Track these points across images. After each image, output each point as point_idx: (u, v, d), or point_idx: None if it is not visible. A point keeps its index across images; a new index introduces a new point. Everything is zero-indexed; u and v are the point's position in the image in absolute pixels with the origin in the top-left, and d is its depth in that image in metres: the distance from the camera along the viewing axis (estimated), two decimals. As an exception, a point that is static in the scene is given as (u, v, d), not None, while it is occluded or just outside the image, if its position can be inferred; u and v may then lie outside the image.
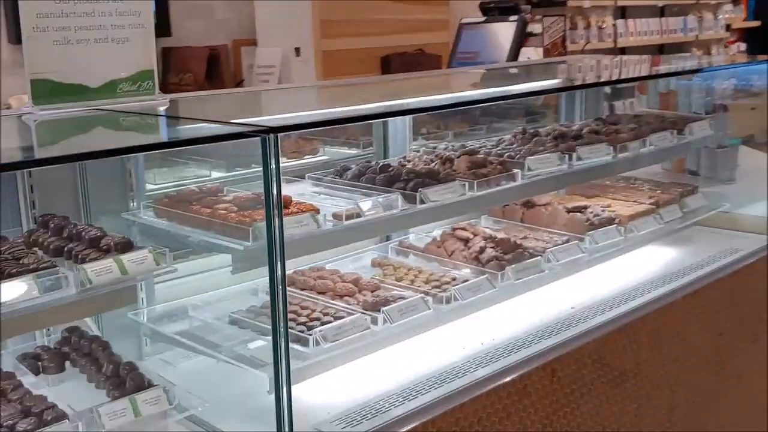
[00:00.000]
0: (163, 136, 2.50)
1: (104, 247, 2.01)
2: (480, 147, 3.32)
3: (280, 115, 2.92)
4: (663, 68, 4.59)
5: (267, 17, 8.03)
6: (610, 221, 3.41)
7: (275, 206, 1.88)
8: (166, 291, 2.77)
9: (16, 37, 6.65)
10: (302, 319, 2.48)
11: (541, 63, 5.91)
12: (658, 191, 3.85)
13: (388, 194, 2.60)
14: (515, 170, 2.96)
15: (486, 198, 2.82)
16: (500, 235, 3.11)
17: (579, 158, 3.22)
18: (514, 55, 6.96)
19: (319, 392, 2.40)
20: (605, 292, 3.23)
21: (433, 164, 2.99)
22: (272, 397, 2.22)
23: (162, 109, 2.65)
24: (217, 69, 7.73)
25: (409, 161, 3.10)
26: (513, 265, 2.94)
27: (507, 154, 3.16)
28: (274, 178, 1.88)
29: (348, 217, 2.45)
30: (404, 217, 2.57)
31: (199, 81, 7.52)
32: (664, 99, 4.31)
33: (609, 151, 3.32)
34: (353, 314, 2.49)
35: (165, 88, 7.66)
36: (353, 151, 3.82)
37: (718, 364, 3.52)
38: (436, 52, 8.49)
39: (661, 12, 12.39)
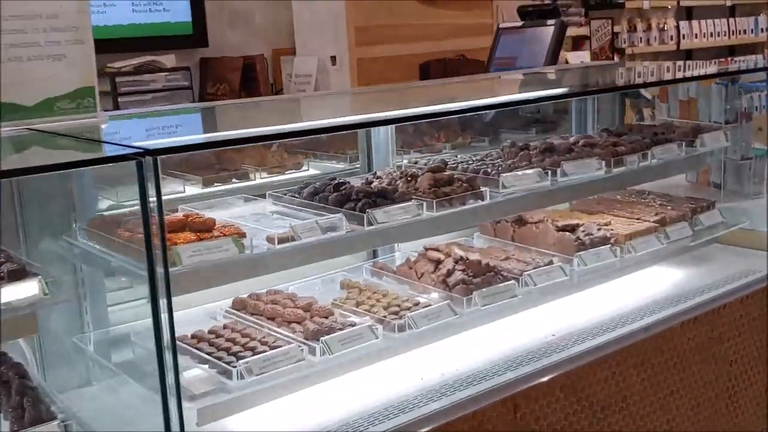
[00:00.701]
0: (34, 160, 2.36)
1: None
2: (459, 162, 3.12)
3: (237, 130, 2.79)
4: (683, 73, 4.30)
5: (305, 25, 7.97)
6: (604, 241, 3.16)
7: (156, 234, 1.75)
8: (119, 314, 2.69)
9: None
10: (236, 349, 2.35)
11: (573, 68, 5.64)
12: (669, 207, 3.57)
13: (331, 215, 2.44)
14: (484, 189, 2.76)
15: (448, 219, 2.64)
16: (473, 257, 2.91)
17: (564, 174, 2.99)
18: (551, 59, 6.68)
19: (247, 427, 2.26)
20: (593, 319, 3.00)
21: (398, 181, 2.82)
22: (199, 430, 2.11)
23: (103, 127, 2.56)
24: (253, 79, 7.70)
25: (378, 177, 2.94)
26: (481, 290, 2.74)
27: (483, 169, 2.96)
28: (154, 204, 1.75)
29: (281, 241, 2.30)
30: (348, 240, 2.41)
31: (234, 91, 7.50)
32: (684, 107, 4.01)
33: (599, 166, 3.08)
34: (290, 344, 2.34)
35: (203, 99, 7.67)
36: (341, 165, 3.68)
37: (726, 397, 3.22)
38: (478, 57, 8.26)
39: (731, 11, 11.82)
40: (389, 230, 2.48)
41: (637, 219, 3.42)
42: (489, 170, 2.94)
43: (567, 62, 9.35)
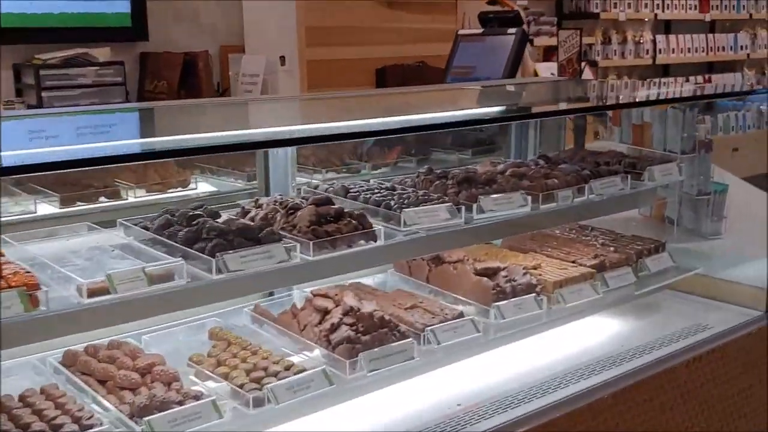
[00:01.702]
0: None
1: None
2: (362, 190, 2.63)
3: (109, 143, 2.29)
4: (647, 91, 3.85)
5: (254, 22, 7.46)
6: (529, 288, 2.69)
7: None
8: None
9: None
10: (37, 427, 1.85)
11: (527, 83, 5.17)
12: (612, 248, 3.10)
13: (169, 260, 1.94)
14: (378, 227, 2.27)
15: (327, 264, 2.15)
16: (367, 307, 2.42)
17: (481, 210, 2.51)
18: (510, 71, 6.22)
19: None
20: (507, 384, 2.52)
21: (277, 214, 2.32)
22: None
23: None
24: (194, 76, 7.17)
25: (259, 206, 2.44)
26: (370, 351, 2.25)
27: (386, 201, 2.48)
28: None
29: (93, 293, 1.80)
30: (186, 294, 1.92)
31: (172, 89, 6.98)
32: (637, 132, 3.55)
33: (524, 202, 2.61)
34: (102, 426, 1.84)
35: (141, 96, 7.14)
36: (239, 184, 3.19)
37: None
38: (440, 65, 7.78)
39: (711, 27, 11.43)
40: (246, 279, 1.98)
41: (572, 262, 2.95)
42: (392, 203, 2.46)
43: (536, 73, 8.90)
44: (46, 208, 2.76)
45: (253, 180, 3.05)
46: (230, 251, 1.98)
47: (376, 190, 2.64)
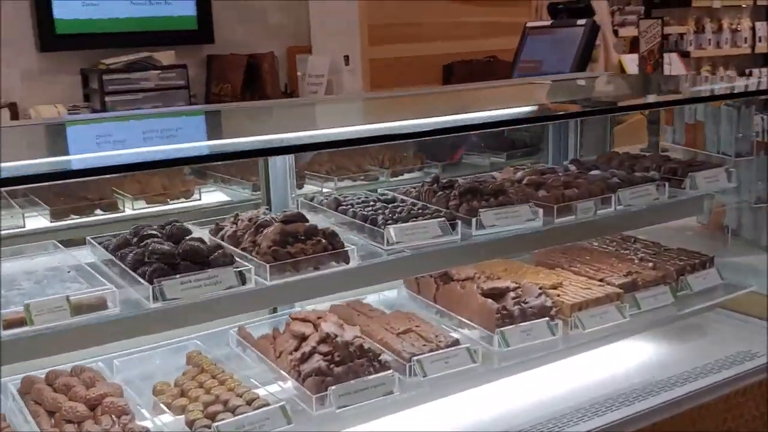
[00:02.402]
0: None
1: None
2: (353, 203, 2.41)
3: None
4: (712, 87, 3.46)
5: (320, 22, 7.33)
6: (542, 311, 2.41)
7: None
8: None
9: (43, 45, 6.32)
10: (-39, 464, 1.73)
11: (591, 78, 4.80)
12: (650, 264, 2.77)
13: (99, 288, 1.78)
14: (350, 247, 2.05)
15: (288, 289, 1.95)
16: (349, 332, 2.20)
17: (481, 226, 2.25)
18: (579, 65, 5.84)
19: None
20: (515, 419, 2.25)
21: (246, 232, 2.13)
22: None
23: None
24: (258, 78, 7.10)
25: (235, 223, 2.26)
26: (341, 384, 2.03)
27: (372, 216, 2.25)
28: None
29: (11, 324, 1.66)
30: (115, 326, 1.75)
31: (236, 91, 6.93)
32: (690, 132, 3.18)
33: (533, 216, 2.33)
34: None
35: (207, 99, 7.13)
36: (245, 193, 3.02)
37: None
38: (511, 59, 7.46)
39: (822, 13, 10.57)
40: (187, 308, 1.80)
41: (600, 281, 2.64)
42: (379, 218, 2.23)
43: (621, 66, 8.45)
44: (39, 221, 2.67)
45: (258, 190, 2.88)
46: (168, 277, 1.80)
47: (371, 203, 2.42)
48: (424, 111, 2.99)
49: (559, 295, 2.53)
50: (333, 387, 2.02)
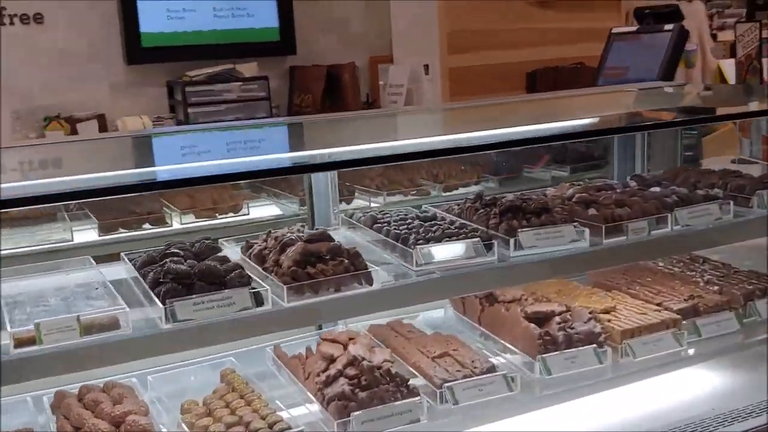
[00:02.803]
0: None
1: None
2: (388, 220, 2.34)
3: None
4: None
5: (401, 31, 7.29)
6: (589, 337, 2.27)
7: None
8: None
9: (130, 58, 6.52)
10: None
11: (674, 87, 4.56)
12: (716, 287, 2.58)
13: (112, 308, 1.77)
14: (374, 268, 1.98)
15: (306, 312, 1.89)
16: (377, 356, 2.12)
17: (519, 246, 2.14)
18: (665, 72, 5.58)
19: None
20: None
21: (272, 251, 2.09)
22: None
23: None
24: (339, 89, 7.11)
25: (276, 237, 2.21)
26: (365, 411, 1.96)
27: (403, 235, 2.17)
28: None
29: (22, 343, 1.66)
30: (129, 344, 1.73)
31: (316, 102, 6.96)
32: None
33: (577, 237, 2.19)
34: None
35: (290, 110, 7.20)
36: (293, 208, 3.00)
37: None
38: (599, 66, 7.21)
39: None
40: (199, 330, 1.77)
41: (657, 305, 2.47)
42: (411, 237, 2.15)
43: (720, 71, 8.06)
44: (86, 235, 2.72)
45: (305, 205, 2.84)
46: (180, 298, 1.77)
47: (408, 220, 2.34)
48: (481, 124, 2.90)
49: (610, 320, 2.38)
50: (356, 413, 1.95)
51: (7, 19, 6.01)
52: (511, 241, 2.15)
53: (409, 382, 2.07)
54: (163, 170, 2.36)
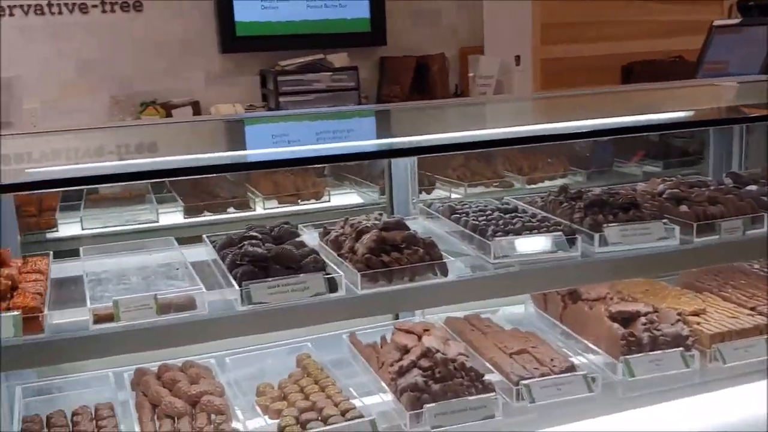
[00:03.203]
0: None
1: None
2: (466, 211, 2.29)
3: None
4: None
5: (493, 22, 7.19)
6: (676, 341, 2.17)
7: None
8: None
9: (224, 47, 6.65)
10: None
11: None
12: (817, 293, 2.43)
13: (188, 289, 1.79)
14: (450, 259, 1.94)
15: (379, 300, 1.86)
16: (452, 349, 2.08)
17: (604, 242, 2.06)
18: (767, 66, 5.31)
19: None
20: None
21: (348, 237, 2.08)
22: None
23: None
24: (427, 80, 7.08)
25: (345, 226, 2.20)
26: (439, 403, 1.93)
27: (481, 227, 2.12)
28: None
29: (101, 320, 1.70)
30: (202, 325, 1.75)
31: (404, 93, 6.94)
32: None
33: (665, 234, 2.10)
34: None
35: (378, 100, 7.23)
36: (373, 196, 2.98)
37: None
38: (698, 60, 6.93)
39: None
40: (273, 313, 1.77)
41: (751, 309, 2.34)
42: (489, 229, 2.10)
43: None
44: (171, 218, 2.77)
45: (384, 194, 2.82)
46: (256, 281, 1.77)
47: (488, 212, 2.29)
48: (569, 114, 2.81)
49: (699, 323, 2.28)
50: (429, 405, 1.92)
51: (108, 7, 6.21)
52: (596, 236, 2.07)
53: (485, 378, 2.02)
54: (248, 153, 2.39)
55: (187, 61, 6.58)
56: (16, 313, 1.62)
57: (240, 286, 1.78)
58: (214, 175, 2.70)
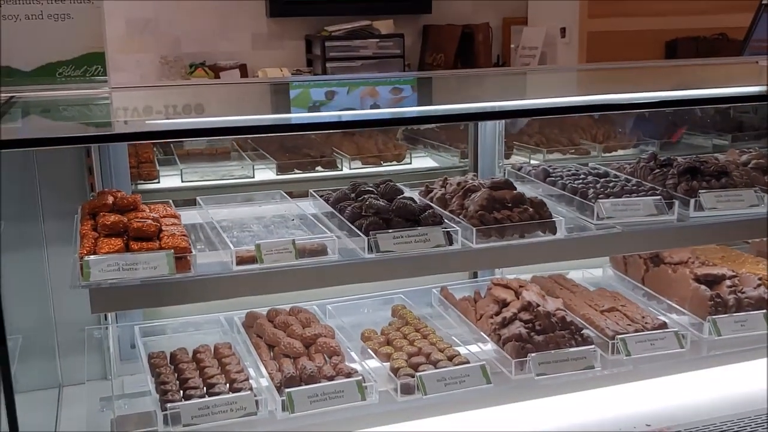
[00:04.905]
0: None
1: None
2: (564, 175, 2.40)
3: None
4: None
5: (539, -7, 7.22)
6: (759, 303, 2.28)
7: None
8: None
9: (272, 11, 6.71)
10: (194, 383, 1.94)
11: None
12: None
13: (322, 235, 1.91)
14: (559, 218, 2.05)
15: (491, 254, 1.98)
16: (550, 305, 2.21)
17: (700, 207, 2.17)
18: (818, 44, 5.35)
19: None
20: (713, 412, 2.17)
21: (454, 196, 2.19)
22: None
23: (103, 99, 2.22)
24: (471, 49, 7.13)
25: (445, 185, 2.31)
26: (541, 353, 2.05)
27: (582, 189, 2.23)
28: None
29: (243, 261, 1.82)
30: (330, 271, 1.87)
31: (449, 62, 7.00)
32: None
33: (756, 202, 2.20)
34: (245, 390, 1.88)
35: (421, 68, 7.27)
36: (454, 159, 3.08)
37: None
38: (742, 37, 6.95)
39: None
40: (397, 261, 1.89)
41: (829, 277, 2.45)
42: (590, 192, 2.20)
43: None
44: (266, 174, 2.89)
45: (466, 158, 2.93)
46: (383, 231, 1.89)
47: (582, 176, 2.39)
48: (638, 85, 2.90)
49: (779, 288, 2.39)
50: (533, 354, 2.05)
51: (159, -30, 6.29)
52: (692, 201, 2.17)
53: (583, 331, 2.15)
54: (342, 114, 2.48)
55: (235, 24, 6.66)
56: (170, 252, 1.74)
57: (367, 235, 1.89)
58: (311, 132, 2.81)
